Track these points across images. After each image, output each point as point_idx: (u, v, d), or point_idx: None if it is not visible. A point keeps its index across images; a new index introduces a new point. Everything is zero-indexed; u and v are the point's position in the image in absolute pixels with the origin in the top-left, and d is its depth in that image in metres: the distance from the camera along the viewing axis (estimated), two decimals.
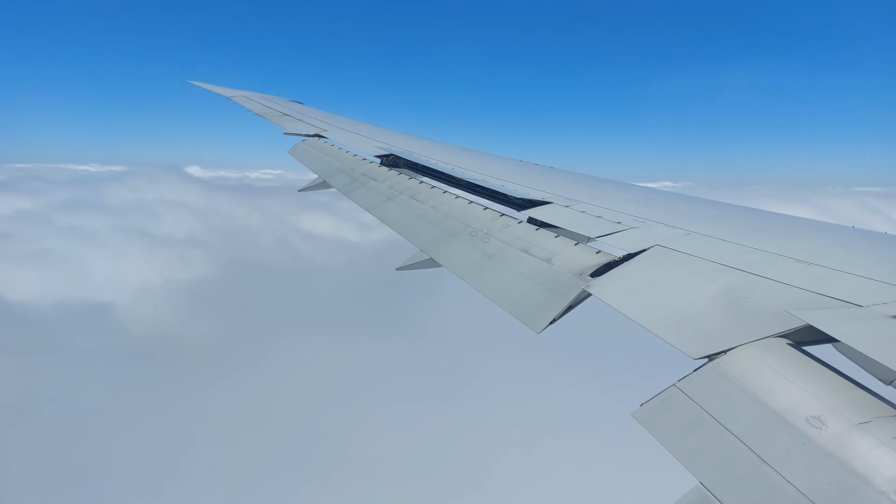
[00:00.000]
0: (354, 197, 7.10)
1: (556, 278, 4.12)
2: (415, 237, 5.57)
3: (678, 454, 2.51)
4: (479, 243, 5.00)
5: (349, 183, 7.57)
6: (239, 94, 13.47)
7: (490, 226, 5.23)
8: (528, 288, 4.17)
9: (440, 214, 5.80)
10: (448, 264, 4.95)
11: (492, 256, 4.74)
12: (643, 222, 4.75)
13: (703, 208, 5.52)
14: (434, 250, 5.21)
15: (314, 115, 11.91)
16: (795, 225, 4.84)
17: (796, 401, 2.39)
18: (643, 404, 2.85)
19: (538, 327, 3.75)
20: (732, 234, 4.32)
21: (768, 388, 2.51)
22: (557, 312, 3.79)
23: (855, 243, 4.16)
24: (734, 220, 5.06)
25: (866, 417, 2.20)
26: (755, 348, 2.77)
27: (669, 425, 2.67)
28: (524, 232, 4.94)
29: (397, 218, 6.12)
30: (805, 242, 4.09)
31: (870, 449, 2.07)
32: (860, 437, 2.13)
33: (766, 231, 4.60)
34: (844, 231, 4.53)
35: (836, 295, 3.05)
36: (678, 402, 2.74)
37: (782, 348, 2.72)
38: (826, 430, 2.22)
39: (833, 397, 2.34)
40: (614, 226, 4.72)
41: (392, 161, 7.75)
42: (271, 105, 12.50)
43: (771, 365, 2.61)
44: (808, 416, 2.30)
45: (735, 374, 2.67)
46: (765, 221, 5.05)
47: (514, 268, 4.48)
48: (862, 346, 2.45)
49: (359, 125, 11.16)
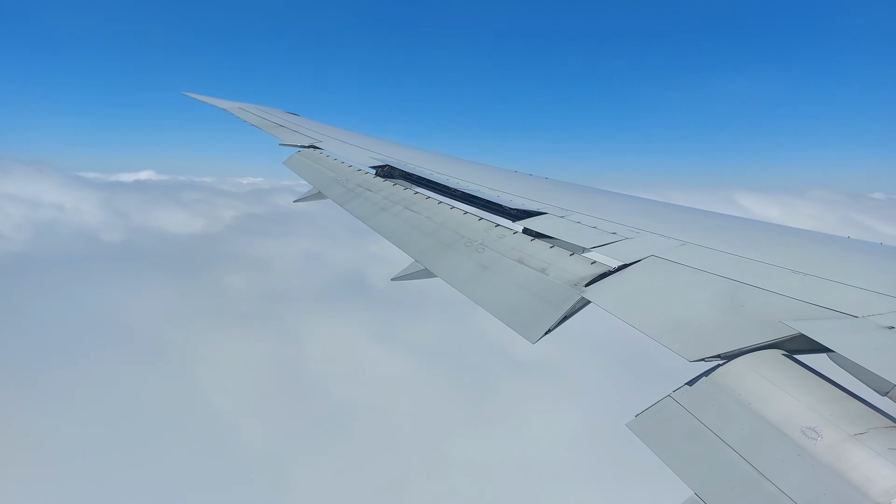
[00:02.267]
0: (349, 208, 7.10)
1: (551, 288, 4.11)
2: (410, 248, 5.55)
3: (673, 465, 2.49)
4: (474, 254, 4.99)
5: (344, 194, 7.57)
6: (235, 106, 13.50)
7: (485, 236, 5.23)
8: (523, 298, 4.16)
9: (435, 225, 5.79)
10: (443, 275, 4.93)
11: (487, 267, 4.73)
12: (638, 233, 4.76)
13: (698, 219, 5.54)
14: (429, 261, 5.20)
15: (310, 126, 11.93)
16: (790, 235, 4.85)
17: (792, 411, 2.38)
18: (638, 415, 2.84)
19: (533, 337, 3.74)
20: (727, 244, 4.32)
21: (763, 398, 2.50)
22: (553, 323, 3.78)
23: (850, 254, 4.17)
24: (729, 231, 5.07)
25: (862, 428, 2.18)
26: (750, 359, 2.76)
27: (664, 436, 2.65)
28: (519, 242, 4.93)
29: (392, 229, 6.11)
30: (800, 253, 4.10)
31: (865, 460, 2.06)
32: (856, 447, 2.12)
33: (761, 241, 4.61)
34: (840, 241, 4.55)
35: (832, 305, 3.05)
36: (673, 413, 2.72)
37: (777, 359, 2.71)
38: (821, 440, 2.20)
39: (828, 408, 2.33)
40: (609, 236, 4.72)
41: (387, 172, 7.76)
42: (267, 116, 12.52)
43: (766, 375, 2.60)
44: (804, 426, 2.29)
45: (730, 385, 2.66)
46: (760, 232, 5.07)
47: (509, 278, 4.47)
48: (857, 356, 2.44)
49: (354, 136, 11.18)
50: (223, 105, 13.58)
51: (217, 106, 13.63)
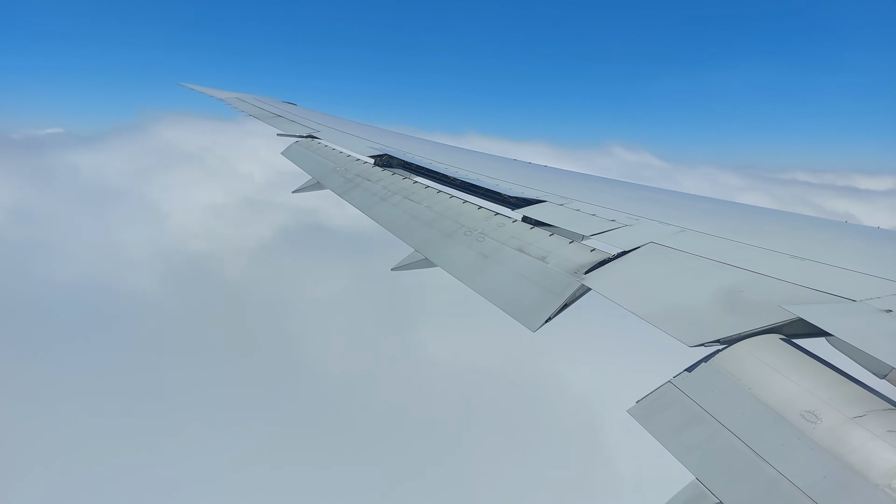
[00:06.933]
0: (349, 198, 7.09)
1: (551, 276, 4.12)
2: (409, 237, 5.56)
3: (674, 450, 2.52)
4: (473, 243, 5.00)
5: (343, 184, 7.56)
6: (231, 96, 13.44)
7: (485, 225, 5.23)
8: (523, 286, 4.18)
9: (435, 214, 5.79)
10: (443, 264, 4.94)
11: (487, 256, 4.74)
12: (637, 220, 4.76)
13: (697, 204, 5.54)
14: (429, 250, 5.20)
15: (307, 115, 11.89)
16: (789, 221, 4.87)
17: (791, 396, 2.40)
18: (639, 401, 2.86)
19: (534, 326, 3.75)
20: (726, 230, 4.33)
21: (763, 383, 2.52)
22: (553, 311, 3.80)
23: (848, 238, 4.18)
24: (728, 217, 5.08)
25: (860, 411, 2.20)
26: (750, 344, 2.78)
27: (665, 422, 2.67)
28: (519, 231, 4.94)
29: (392, 218, 6.10)
30: (798, 238, 4.11)
31: (864, 442, 2.08)
32: (855, 430, 2.14)
33: (759, 227, 4.62)
34: (838, 226, 4.56)
35: (830, 290, 3.07)
36: (674, 399, 2.75)
37: (776, 344, 2.73)
38: (821, 424, 2.22)
39: (827, 392, 2.35)
40: (608, 223, 4.73)
41: (386, 161, 7.74)
42: (264, 106, 12.48)
43: (765, 360, 2.62)
44: (803, 410, 2.31)
45: (730, 370, 2.68)
46: (758, 217, 5.08)
47: (509, 267, 4.48)
48: (856, 340, 2.46)
49: (352, 125, 11.15)
50: (220, 95, 13.52)
51: (214, 96, 13.57)
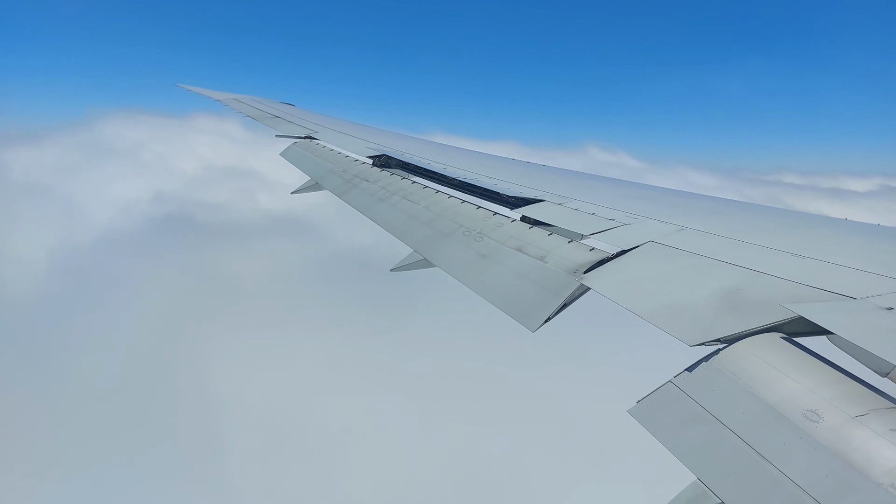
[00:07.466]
0: (347, 198, 7.08)
1: (550, 276, 4.11)
2: (408, 238, 5.54)
3: (675, 450, 2.50)
4: (472, 242, 4.98)
5: (341, 184, 7.55)
6: (229, 97, 13.42)
7: (483, 225, 5.22)
8: (522, 286, 4.16)
9: (433, 214, 5.78)
10: (442, 264, 4.93)
11: (485, 255, 4.73)
12: (636, 218, 4.75)
13: (696, 203, 5.53)
14: (428, 250, 5.19)
15: (305, 116, 11.88)
16: (788, 218, 4.85)
17: (792, 395, 2.38)
18: (639, 401, 2.84)
19: (533, 326, 3.74)
20: (726, 228, 4.32)
21: (764, 382, 2.50)
22: (552, 310, 3.78)
23: (848, 236, 4.16)
24: (727, 215, 5.06)
25: (862, 410, 2.19)
26: (750, 343, 2.76)
27: (666, 421, 2.66)
28: (517, 230, 4.93)
29: (390, 219, 6.09)
30: (798, 236, 4.09)
31: (866, 441, 2.07)
32: (857, 429, 2.12)
33: (759, 225, 4.61)
34: (838, 224, 4.54)
35: (831, 288, 3.05)
36: (674, 398, 2.73)
37: (777, 343, 2.71)
38: (823, 423, 2.21)
39: (829, 390, 2.33)
40: (607, 223, 4.71)
41: (384, 161, 7.72)
42: (262, 107, 12.46)
43: (766, 359, 2.61)
44: (805, 409, 2.29)
45: (731, 369, 2.66)
46: (758, 215, 5.06)
47: (507, 266, 4.47)
48: (857, 338, 2.44)
49: (350, 126, 11.14)
50: (218, 96, 13.51)
51: (211, 97, 13.55)
